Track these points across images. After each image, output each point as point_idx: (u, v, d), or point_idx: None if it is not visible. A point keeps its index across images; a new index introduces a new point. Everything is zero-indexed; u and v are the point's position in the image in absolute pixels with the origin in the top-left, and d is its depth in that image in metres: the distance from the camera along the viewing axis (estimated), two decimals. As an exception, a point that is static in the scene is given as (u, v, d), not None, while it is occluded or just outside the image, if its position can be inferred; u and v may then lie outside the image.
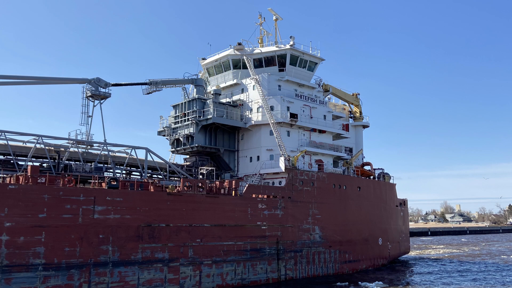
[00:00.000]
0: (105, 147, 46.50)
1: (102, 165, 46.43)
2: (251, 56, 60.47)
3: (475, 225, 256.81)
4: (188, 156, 59.03)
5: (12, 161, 41.63)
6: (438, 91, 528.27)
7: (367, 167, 70.02)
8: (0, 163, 41.16)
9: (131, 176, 51.25)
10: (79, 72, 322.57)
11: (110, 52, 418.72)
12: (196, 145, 54.87)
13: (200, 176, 53.63)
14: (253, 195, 48.13)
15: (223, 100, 59.17)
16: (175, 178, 52.37)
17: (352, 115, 75.57)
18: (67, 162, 44.78)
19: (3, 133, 40.61)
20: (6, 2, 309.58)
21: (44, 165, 43.67)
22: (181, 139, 56.49)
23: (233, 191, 46.83)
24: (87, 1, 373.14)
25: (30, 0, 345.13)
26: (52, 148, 44.67)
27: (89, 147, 48.03)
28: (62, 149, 45.12)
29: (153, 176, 50.95)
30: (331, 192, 56.63)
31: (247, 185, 48.30)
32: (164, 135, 59.68)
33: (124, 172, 49.62)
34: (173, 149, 58.66)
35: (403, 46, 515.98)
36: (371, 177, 68.48)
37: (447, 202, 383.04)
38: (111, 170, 46.78)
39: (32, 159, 43.23)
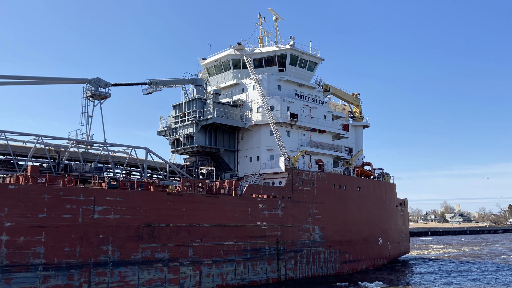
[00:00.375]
0: (105, 147, 46.49)
1: (102, 165, 46.42)
2: (251, 56, 60.46)
3: (475, 225, 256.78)
4: (188, 156, 59.03)
5: (12, 161, 41.62)
6: (438, 91, 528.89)
7: (367, 167, 70.01)
8: (0, 163, 41.17)
9: (131, 176, 51.25)
10: (79, 72, 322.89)
11: (110, 52, 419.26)
12: (196, 145, 54.87)
13: (200, 176, 53.63)
14: (253, 195, 48.12)
15: (223, 100, 59.17)
16: (175, 178, 52.37)
17: (352, 115, 75.57)
18: (67, 162, 44.77)
19: (3, 133, 40.61)
20: (6, 2, 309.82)
21: (44, 165, 43.66)
22: (181, 139, 56.49)
23: (233, 191, 46.82)
24: (87, 1, 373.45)
25: (30, 0, 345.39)
26: (52, 148, 44.66)
27: (89, 147, 48.03)
28: (62, 149, 45.12)
29: (153, 176, 50.94)
30: (331, 192, 56.62)
31: (247, 185, 48.29)
32: (164, 135, 59.67)
33: (124, 172, 49.63)
34: (173, 149, 58.66)
35: (403, 46, 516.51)
36: (371, 177, 68.47)
37: (447, 202, 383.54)
38: (111, 170, 46.78)
39: (32, 159, 43.22)
